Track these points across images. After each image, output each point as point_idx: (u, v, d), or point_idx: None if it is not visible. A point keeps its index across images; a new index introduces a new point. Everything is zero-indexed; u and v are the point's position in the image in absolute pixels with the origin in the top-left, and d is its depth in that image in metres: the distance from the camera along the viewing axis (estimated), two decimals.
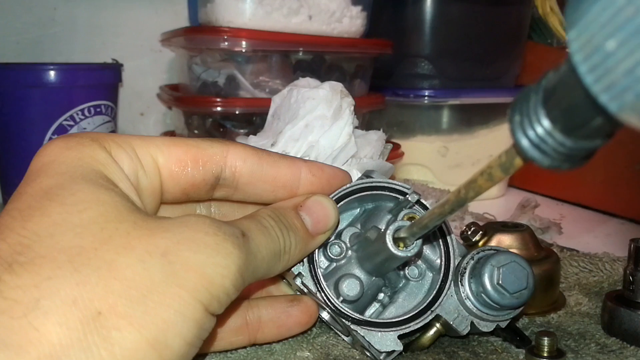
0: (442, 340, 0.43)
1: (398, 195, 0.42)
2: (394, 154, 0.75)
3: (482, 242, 0.48)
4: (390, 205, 0.43)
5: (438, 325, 0.41)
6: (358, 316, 0.40)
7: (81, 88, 0.79)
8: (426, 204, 0.42)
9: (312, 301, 0.42)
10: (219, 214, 0.41)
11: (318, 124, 0.53)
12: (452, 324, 0.41)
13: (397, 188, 0.42)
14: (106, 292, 0.26)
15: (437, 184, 0.92)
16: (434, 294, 0.41)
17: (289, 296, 0.43)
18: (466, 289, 0.40)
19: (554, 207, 0.88)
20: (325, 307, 0.40)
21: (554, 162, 0.21)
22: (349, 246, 0.42)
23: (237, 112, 0.77)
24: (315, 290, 0.40)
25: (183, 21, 1.00)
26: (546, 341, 0.39)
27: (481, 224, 0.50)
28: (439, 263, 0.42)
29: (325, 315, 0.43)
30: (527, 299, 0.39)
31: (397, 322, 0.40)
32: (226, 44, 0.75)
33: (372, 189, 0.42)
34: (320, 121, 0.53)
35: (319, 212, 0.38)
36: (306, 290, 0.41)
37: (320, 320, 0.44)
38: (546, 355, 0.39)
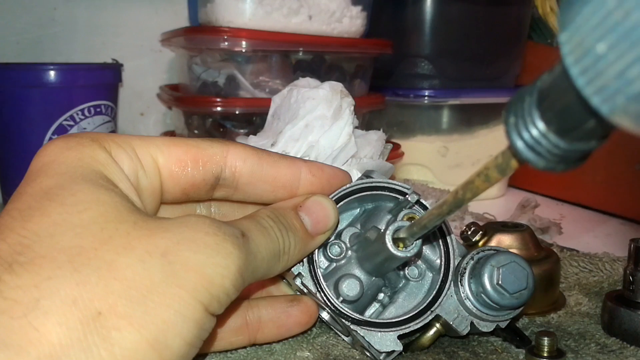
0: (442, 340, 0.43)
1: (398, 196, 0.42)
2: (394, 154, 0.75)
3: (482, 242, 0.48)
4: (390, 205, 0.43)
5: (438, 326, 0.41)
6: (358, 316, 0.40)
7: (81, 88, 0.79)
8: (426, 204, 0.42)
9: (312, 301, 0.42)
10: (219, 214, 0.41)
11: (318, 124, 0.53)
12: (452, 324, 0.41)
13: (397, 188, 0.42)
14: (106, 292, 0.26)
15: (437, 184, 0.92)
16: (434, 294, 0.41)
17: (289, 296, 0.43)
18: (466, 289, 0.40)
19: (554, 207, 0.88)
20: (325, 307, 0.40)
21: (548, 164, 0.21)
22: (348, 246, 0.42)
23: (237, 112, 0.77)
24: (315, 291, 0.40)
25: (183, 21, 1.00)
26: (546, 341, 0.39)
27: (481, 224, 0.50)
28: (439, 263, 0.42)
29: (325, 316, 0.43)
30: (527, 299, 0.39)
31: (397, 322, 0.40)
32: (226, 44, 0.75)
33: (372, 189, 0.42)
34: (320, 121, 0.53)
35: (319, 213, 0.38)
36: (306, 291, 0.41)
37: (320, 320, 0.44)
38: (546, 355, 0.39)
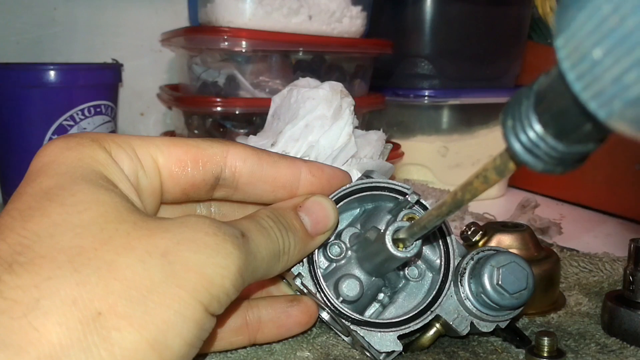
0: (442, 340, 0.43)
1: (398, 196, 0.42)
2: (394, 154, 0.75)
3: (482, 242, 0.48)
4: (390, 205, 0.43)
5: (438, 326, 0.41)
6: (358, 316, 0.40)
7: (81, 88, 0.79)
8: (426, 204, 0.42)
9: (312, 301, 0.42)
10: (219, 214, 0.41)
11: (318, 124, 0.53)
12: (451, 324, 0.41)
13: (396, 188, 0.42)
14: (106, 292, 0.26)
15: (437, 184, 0.92)
16: (434, 294, 0.41)
17: (289, 296, 0.43)
18: (466, 290, 0.40)
19: (554, 207, 0.88)
20: (325, 308, 0.40)
21: (547, 166, 0.21)
22: (348, 246, 0.42)
23: (237, 112, 0.77)
24: (314, 291, 0.40)
25: (183, 21, 1.00)
26: (546, 341, 0.39)
27: (481, 224, 0.50)
28: (439, 263, 0.42)
29: (325, 316, 0.43)
30: (527, 300, 0.39)
31: (397, 323, 0.40)
32: (226, 44, 0.75)
33: (372, 189, 0.42)
34: (320, 121, 0.53)
35: (318, 213, 0.38)
36: (306, 291, 0.41)
37: (320, 321, 0.44)
38: (546, 355, 0.39)
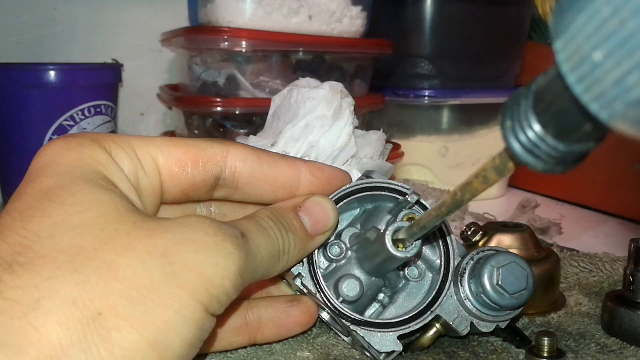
0: (442, 340, 0.43)
1: (398, 196, 0.42)
2: (394, 154, 0.75)
3: (482, 242, 0.48)
4: (390, 205, 0.43)
5: (438, 326, 0.41)
6: (357, 316, 0.40)
7: (81, 88, 0.79)
8: (426, 204, 0.42)
9: (312, 301, 0.42)
10: (219, 214, 0.41)
11: (318, 124, 0.53)
12: (451, 325, 0.41)
13: (396, 188, 0.42)
14: (106, 292, 0.26)
15: (437, 184, 0.92)
16: (434, 294, 0.41)
17: (289, 296, 0.43)
18: (466, 290, 0.40)
19: (554, 207, 0.88)
20: (325, 308, 0.40)
21: (547, 166, 0.21)
22: (348, 246, 0.42)
23: (237, 112, 0.77)
24: (314, 291, 0.40)
25: (183, 21, 1.00)
26: (546, 341, 0.39)
27: (481, 224, 0.50)
28: (439, 263, 0.42)
29: (325, 316, 0.43)
30: (527, 300, 0.39)
31: (397, 323, 0.40)
32: (226, 44, 0.75)
33: (372, 189, 0.42)
34: (320, 121, 0.53)
35: (318, 213, 0.38)
36: (306, 291, 0.41)
37: (320, 321, 0.44)
38: (546, 355, 0.39)
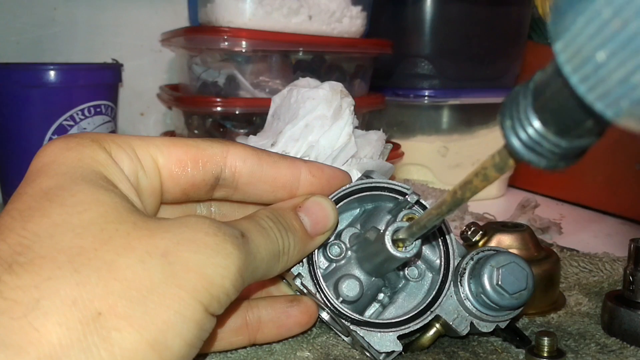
0: (442, 340, 0.43)
1: (397, 196, 0.42)
2: (394, 154, 0.75)
3: (482, 242, 0.48)
4: (389, 205, 0.43)
5: (438, 326, 0.41)
6: (357, 317, 0.40)
7: (81, 88, 0.79)
8: (425, 204, 0.42)
9: (312, 301, 0.42)
10: (219, 214, 0.41)
11: (318, 124, 0.53)
12: (451, 325, 0.41)
13: (396, 188, 0.42)
14: (106, 292, 0.26)
15: (437, 184, 0.92)
16: (434, 294, 0.41)
17: (289, 296, 0.43)
18: (466, 290, 0.40)
19: (554, 207, 0.88)
20: (325, 308, 0.40)
21: (550, 163, 0.21)
22: (348, 247, 0.42)
23: (237, 112, 0.77)
24: (314, 291, 0.40)
25: (183, 21, 1.00)
26: (546, 341, 0.39)
27: (481, 224, 0.50)
28: (439, 263, 0.42)
29: (325, 316, 0.43)
30: (527, 300, 0.39)
31: (397, 323, 0.40)
32: (226, 44, 0.75)
33: (372, 189, 0.42)
34: (320, 121, 0.53)
35: (318, 213, 0.38)
36: (305, 291, 0.41)
37: (320, 321, 0.44)
38: (546, 355, 0.39)
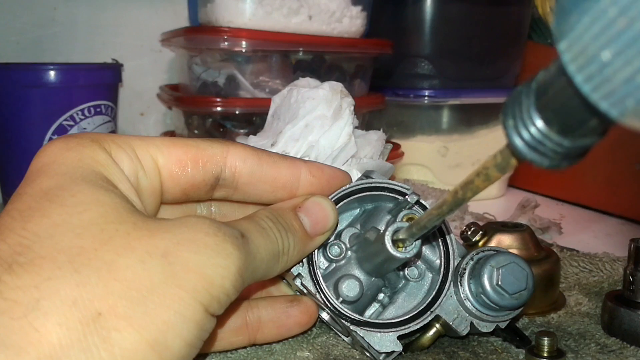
0: (442, 340, 0.43)
1: (397, 196, 0.42)
2: (394, 154, 0.75)
3: (482, 242, 0.48)
4: (389, 205, 0.43)
5: (438, 326, 0.41)
6: (357, 317, 0.40)
7: (81, 88, 0.79)
8: (425, 204, 0.42)
9: (312, 302, 0.42)
10: (219, 214, 0.41)
11: (318, 124, 0.53)
12: (451, 325, 0.41)
13: (396, 189, 0.42)
14: (106, 292, 0.26)
15: (437, 184, 0.92)
16: (434, 294, 0.41)
17: (289, 297, 0.43)
18: (465, 290, 0.40)
19: (554, 207, 0.88)
20: (325, 308, 0.40)
21: (552, 162, 0.21)
22: (348, 247, 0.42)
23: (237, 112, 0.77)
24: (314, 291, 0.40)
25: (183, 21, 1.00)
26: (546, 341, 0.39)
27: (481, 224, 0.50)
28: (439, 263, 0.42)
29: (325, 316, 0.43)
30: (527, 300, 0.39)
31: (397, 323, 0.40)
32: (226, 44, 0.75)
33: (372, 189, 0.42)
34: (320, 121, 0.53)
35: (318, 213, 0.38)
36: (305, 291, 0.41)
37: (320, 321, 0.44)
38: (546, 355, 0.39)
